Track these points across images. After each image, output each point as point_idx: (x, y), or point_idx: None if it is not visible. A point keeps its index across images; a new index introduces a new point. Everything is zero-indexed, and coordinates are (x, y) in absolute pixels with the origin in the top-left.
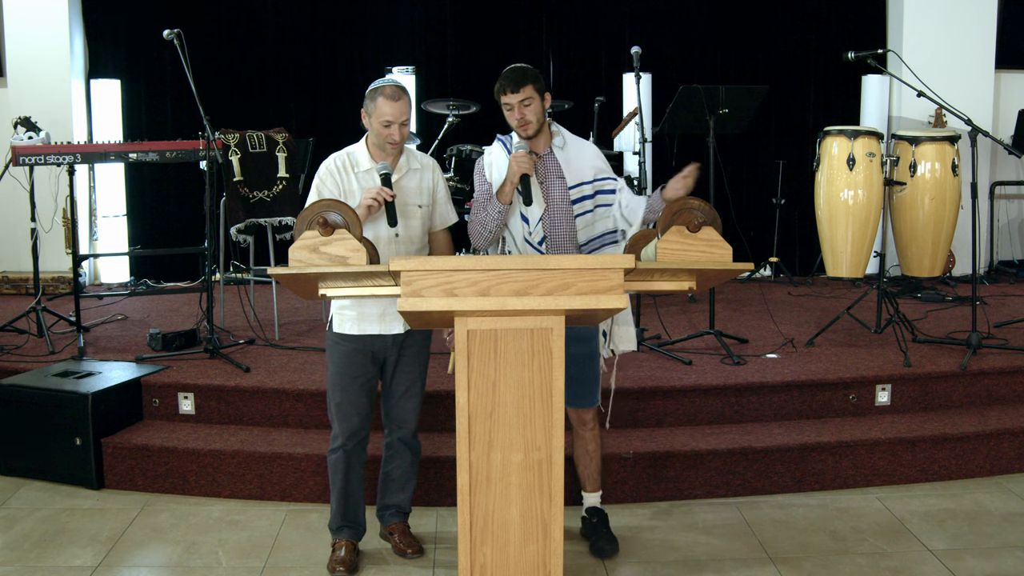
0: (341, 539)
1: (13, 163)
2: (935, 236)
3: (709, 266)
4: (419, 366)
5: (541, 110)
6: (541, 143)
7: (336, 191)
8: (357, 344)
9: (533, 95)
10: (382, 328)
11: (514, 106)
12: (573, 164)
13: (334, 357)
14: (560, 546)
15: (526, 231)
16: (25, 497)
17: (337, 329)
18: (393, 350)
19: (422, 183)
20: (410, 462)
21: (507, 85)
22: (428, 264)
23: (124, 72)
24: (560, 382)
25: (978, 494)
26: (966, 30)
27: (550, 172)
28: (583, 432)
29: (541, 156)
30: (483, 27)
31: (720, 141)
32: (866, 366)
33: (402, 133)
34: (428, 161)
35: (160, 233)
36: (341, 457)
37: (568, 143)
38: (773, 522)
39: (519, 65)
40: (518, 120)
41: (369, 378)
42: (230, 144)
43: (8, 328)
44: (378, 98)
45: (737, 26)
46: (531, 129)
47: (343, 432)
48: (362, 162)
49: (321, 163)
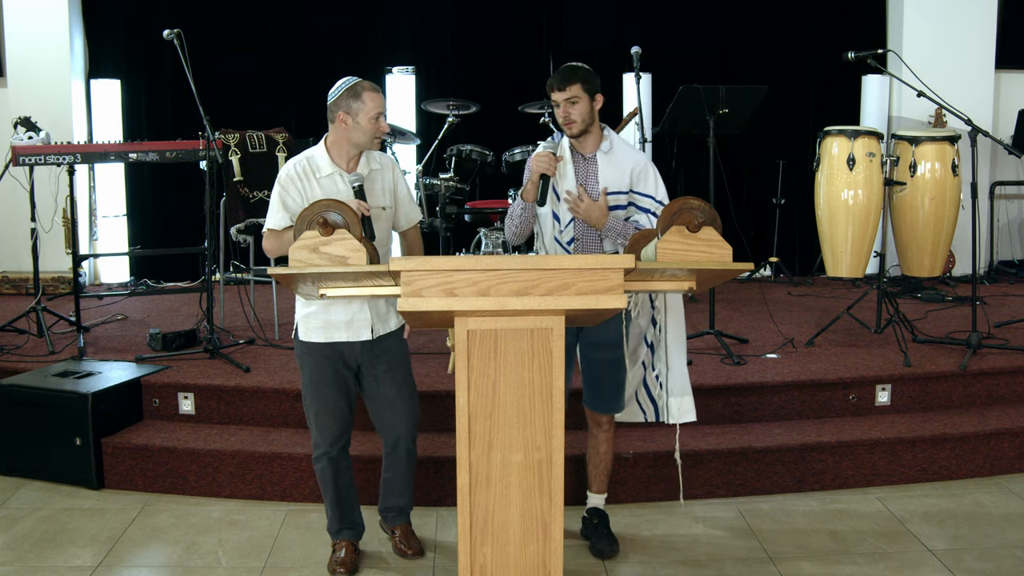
0: (341, 540)
1: (13, 163)
2: (935, 236)
3: (709, 266)
4: (402, 370)
5: (588, 110)
6: (589, 145)
7: (300, 199)
8: (325, 351)
9: (580, 95)
10: (350, 335)
11: (560, 103)
12: (614, 170)
13: (306, 367)
14: (560, 546)
15: (556, 230)
16: (25, 497)
17: (303, 337)
18: (365, 356)
19: (384, 184)
20: (406, 469)
21: (555, 82)
22: (428, 264)
23: (124, 72)
24: (560, 382)
25: (978, 494)
26: (966, 30)
27: (591, 175)
28: (597, 433)
29: (587, 158)
30: (483, 27)
31: (720, 141)
32: (866, 366)
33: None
34: (387, 160)
35: (160, 233)
36: (327, 465)
37: (615, 148)
38: (773, 522)
39: (573, 63)
40: (563, 118)
41: (344, 383)
42: (230, 144)
43: (8, 328)
44: (363, 94)
45: (737, 26)
46: (575, 128)
47: (324, 440)
48: (323, 166)
49: (280, 169)
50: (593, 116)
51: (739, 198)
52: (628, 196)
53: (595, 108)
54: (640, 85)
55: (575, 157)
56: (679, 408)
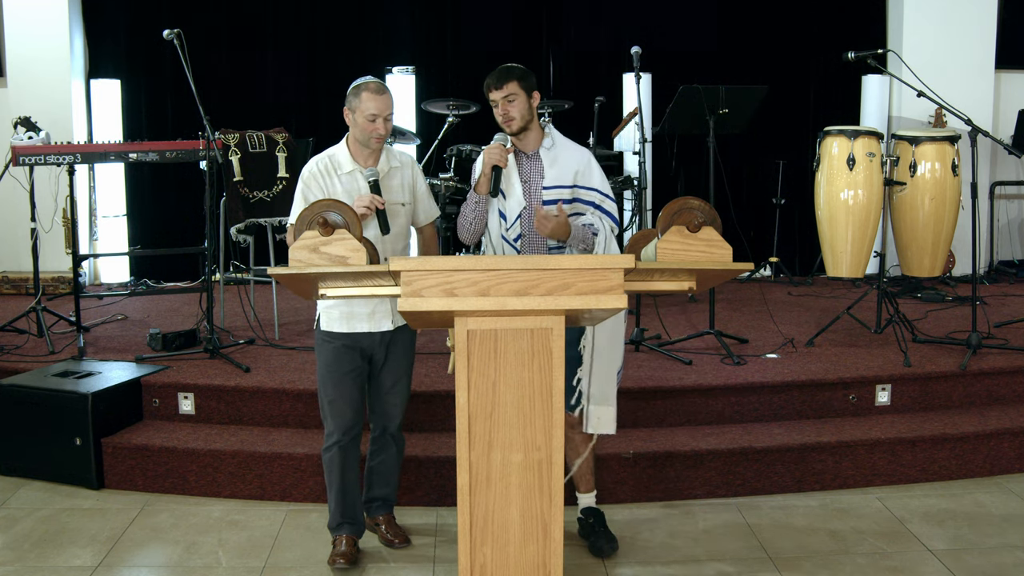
0: (342, 535)
1: (13, 163)
2: (935, 236)
3: (709, 266)
4: (406, 362)
5: (526, 107)
6: (531, 142)
7: (321, 195)
8: (346, 340)
9: (518, 92)
10: (371, 326)
11: (498, 102)
12: (557, 166)
13: (323, 354)
14: (560, 546)
15: (503, 227)
16: (25, 497)
17: (325, 327)
18: (381, 348)
19: (403, 181)
20: (395, 455)
21: (492, 82)
22: (428, 264)
23: (124, 72)
24: (560, 382)
25: (978, 494)
26: (966, 30)
27: (534, 172)
28: (572, 435)
29: (529, 155)
30: (483, 27)
31: (720, 141)
32: (866, 366)
33: (386, 127)
34: (407, 159)
35: (160, 233)
36: (337, 454)
37: (557, 145)
38: (773, 522)
39: (508, 64)
40: (502, 116)
41: (359, 372)
42: (230, 144)
43: (8, 328)
44: (362, 93)
45: (737, 26)
46: (514, 125)
47: (338, 428)
48: (344, 164)
49: (303, 166)
50: (532, 113)
51: (739, 198)
52: (572, 191)
53: (533, 105)
54: (640, 85)
55: (518, 156)
56: (598, 418)
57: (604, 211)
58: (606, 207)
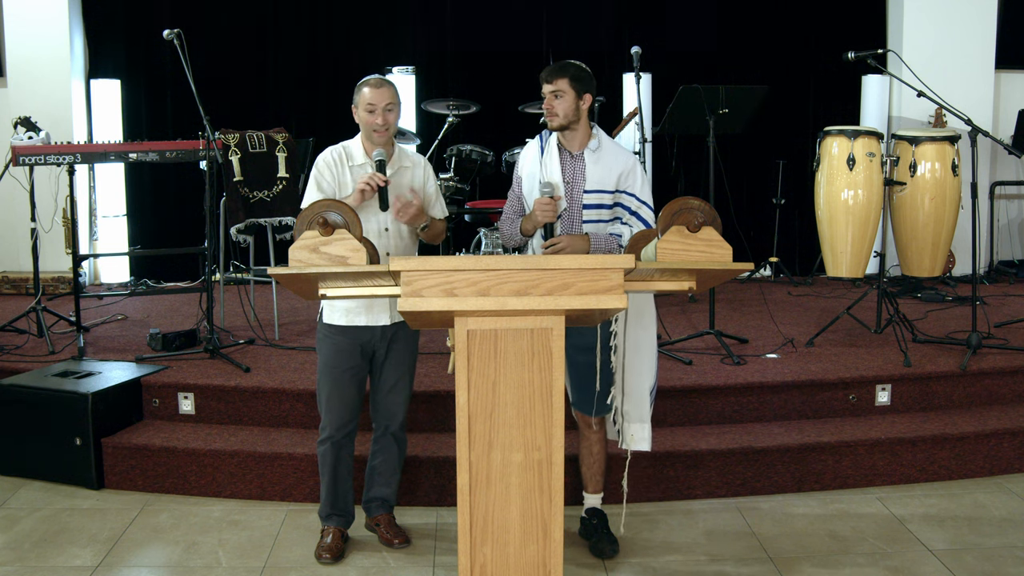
0: (329, 526)
1: (13, 163)
2: (935, 236)
3: (709, 266)
4: (408, 360)
5: (572, 106)
6: (577, 142)
7: (333, 183)
8: (346, 336)
9: (567, 90)
10: (369, 319)
11: (546, 95)
12: (600, 169)
13: (324, 349)
14: (560, 546)
15: (541, 235)
16: (25, 497)
17: (327, 320)
18: (382, 344)
19: (413, 181)
20: (396, 456)
21: (545, 74)
22: (428, 264)
23: (124, 72)
24: (560, 382)
25: (978, 494)
26: (966, 30)
27: (577, 172)
28: (588, 434)
29: (574, 155)
30: (483, 27)
31: (720, 141)
32: (866, 366)
33: (386, 119)
34: (419, 159)
35: (160, 233)
36: (329, 449)
37: (603, 147)
38: (773, 522)
39: (568, 60)
40: (546, 110)
41: (358, 370)
42: (230, 144)
43: (8, 328)
44: (363, 88)
45: (737, 26)
46: (555, 121)
47: (332, 423)
48: (356, 156)
49: (318, 156)
50: (578, 114)
51: (739, 198)
52: (614, 196)
53: (582, 107)
54: (640, 85)
55: (562, 154)
56: (634, 436)
57: (640, 218)
58: (642, 214)
